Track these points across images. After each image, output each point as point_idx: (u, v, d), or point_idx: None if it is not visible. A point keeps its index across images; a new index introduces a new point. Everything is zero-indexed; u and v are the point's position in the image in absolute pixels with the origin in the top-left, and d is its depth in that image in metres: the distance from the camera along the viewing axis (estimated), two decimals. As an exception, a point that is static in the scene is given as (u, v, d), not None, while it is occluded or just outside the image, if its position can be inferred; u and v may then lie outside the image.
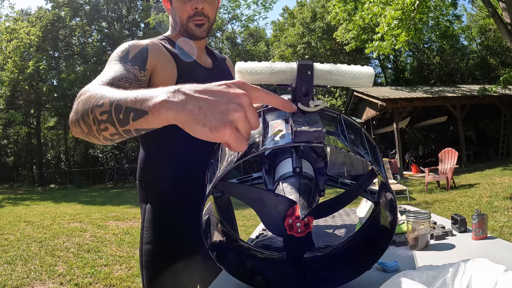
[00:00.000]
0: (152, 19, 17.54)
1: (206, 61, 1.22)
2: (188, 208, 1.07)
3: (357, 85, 0.69)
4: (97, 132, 0.61)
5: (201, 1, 1.09)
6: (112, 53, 1.01)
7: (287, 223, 0.63)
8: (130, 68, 0.95)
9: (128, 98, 0.54)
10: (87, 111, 0.62)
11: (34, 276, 3.71)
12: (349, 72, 0.68)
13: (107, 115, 0.58)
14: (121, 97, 0.56)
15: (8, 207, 11.30)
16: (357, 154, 0.61)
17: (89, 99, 0.63)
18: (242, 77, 0.71)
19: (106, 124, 0.58)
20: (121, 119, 0.55)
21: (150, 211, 1.15)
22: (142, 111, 0.52)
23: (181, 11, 1.11)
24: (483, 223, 1.06)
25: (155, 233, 1.12)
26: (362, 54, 20.68)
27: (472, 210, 5.21)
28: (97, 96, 0.61)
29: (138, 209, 9.00)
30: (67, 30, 24.98)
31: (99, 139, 0.63)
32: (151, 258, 1.12)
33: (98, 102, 0.60)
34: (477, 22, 22.98)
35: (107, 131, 0.59)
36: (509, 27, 8.95)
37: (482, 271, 0.57)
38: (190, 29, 1.12)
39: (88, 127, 0.62)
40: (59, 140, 29.22)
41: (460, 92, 13.32)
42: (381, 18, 9.19)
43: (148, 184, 1.17)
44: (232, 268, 0.80)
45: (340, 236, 1.16)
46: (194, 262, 1.16)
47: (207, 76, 1.03)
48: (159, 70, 1.04)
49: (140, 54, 1.01)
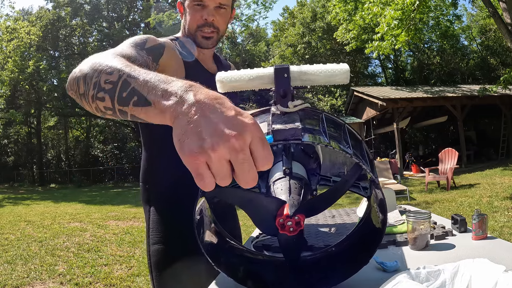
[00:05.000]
0: (152, 19, 17.53)
1: (212, 68, 1.23)
2: (193, 207, 1.09)
3: (334, 82, 0.71)
4: (92, 98, 0.56)
5: (213, 13, 1.09)
6: (128, 39, 0.98)
7: (278, 223, 0.63)
8: (144, 55, 0.92)
9: (139, 78, 0.51)
10: (93, 72, 0.58)
11: (34, 275, 3.71)
12: (324, 70, 0.69)
13: (111, 86, 0.54)
14: (133, 74, 0.52)
15: (8, 206, 11.30)
16: (336, 148, 0.62)
17: (99, 62, 0.59)
18: (223, 86, 0.73)
19: (105, 94, 0.54)
20: (123, 97, 0.52)
21: (155, 212, 1.15)
22: (146, 100, 0.48)
23: (192, 18, 1.11)
24: (483, 223, 1.06)
25: (162, 232, 1.13)
26: (363, 54, 20.66)
27: (472, 210, 5.20)
28: (109, 64, 0.57)
29: (138, 209, 9.00)
30: (67, 30, 24.98)
31: (91, 106, 0.58)
32: (160, 257, 1.12)
33: (107, 69, 0.56)
34: (477, 22, 22.96)
35: (102, 102, 0.55)
36: (510, 27, 8.94)
37: (482, 271, 0.57)
38: (198, 39, 1.13)
39: (86, 88, 0.58)
40: (60, 139, 29.23)
41: (460, 92, 13.32)
42: (381, 18, 9.19)
43: (152, 185, 1.18)
44: (228, 268, 0.80)
45: (341, 236, 1.16)
46: (203, 260, 1.16)
47: (212, 83, 1.03)
48: (168, 70, 1.04)
49: (157, 49, 1.01)
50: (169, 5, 23.91)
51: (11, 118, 21.39)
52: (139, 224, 6.75)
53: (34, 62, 21.25)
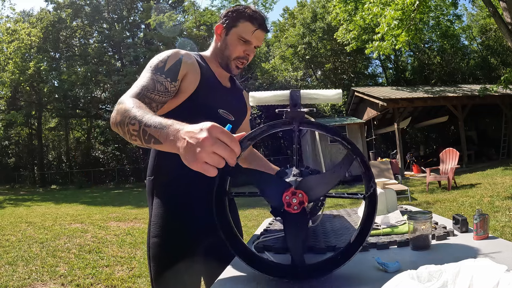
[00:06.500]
0: (152, 20, 17.57)
1: (226, 83, 1.36)
2: (195, 202, 1.21)
3: (330, 101, 0.95)
4: (129, 139, 0.90)
5: (253, 51, 1.29)
6: (153, 59, 1.18)
7: (285, 199, 0.78)
8: (162, 81, 1.13)
9: (152, 126, 0.82)
10: (123, 123, 0.90)
11: (36, 277, 3.71)
12: (322, 94, 0.94)
13: (137, 132, 0.86)
14: (147, 123, 0.83)
15: (9, 208, 11.31)
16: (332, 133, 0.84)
17: (125, 114, 0.90)
18: (255, 101, 0.97)
19: (136, 137, 0.87)
20: (145, 139, 0.84)
21: (157, 205, 1.22)
22: (159, 141, 0.80)
23: (234, 49, 1.26)
24: (485, 223, 1.06)
25: (162, 226, 1.19)
26: (363, 54, 20.66)
27: (474, 210, 5.20)
28: (131, 115, 0.88)
29: (139, 210, 9.01)
30: (68, 31, 25.03)
31: (131, 142, 0.91)
32: (158, 250, 1.18)
33: (131, 121, 0.88)
34: (477, 21, 22.96)
35: (136, 142, 0.88)
36: (510, 27, 8.94)
37: (483, 271, 0.57)
38: (231, 67, 1.28)
39: (124, 133, 0.91)
40: (60, 141, 29.26)
41: (461, 92, 13.31)
42: (381, 18, 9.19)
43: (157, 178, 1.24)
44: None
45: (340, 236, 1.16)
46: (200, 254, 1.23)
47: (223, 93, 1.30)
48: (187, 77, 1.20)
49: (175, 66, 1.17)
50: (169, 6, 23.96)
51: (12, 120, 21.43)
52: (140, 225, 6.76)
53: (35, 63, 21.30)
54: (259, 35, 1.26)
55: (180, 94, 1.19)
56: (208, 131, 0.69)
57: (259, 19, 1.25)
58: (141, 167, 23.23)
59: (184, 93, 1.19)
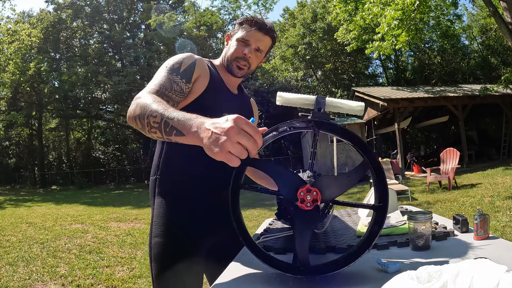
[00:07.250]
0: (152, 21, 17.56)
1: (234, 90, 1.41)
2: (198, 202, 1.22)
3: (352, 113, 0.98)
4: (148, 132, 0.91)
5: (253, 52, 1.31)
6: (168, 60, 1.22)
7: (299, 195, 0.80)
8: (178, 81, 1.18)
9: (175, 118, 0.83)
10: (143, 116, 0.91)
11: (36, 277, 3.71)
12: (346, 104, 0.97)
13: (157, 124, 0.87)
14: (170, 116, 0.84)
15: (10, 208, 11.32)
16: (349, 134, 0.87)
17: (145, 107, 0.92)
18: (281, 100, 0.98)
19: (156, 129, 0.88)
20: (167, 131, 0.84)
21: (160, 205, 1.23)
22: (181, 132, 0.81)
23: (234, 50, 1.31)
24: (485, 223, 1.05)
25: (163, 226, 1.20)
26: (363, 54, 20.65)
27: (474, 210, 5.19)
28: (153, 109, 0.90)
29: (140, 210, 9.01)
30: (68, 32, 25.02)
31: (148, 135, 0.92)
32: (159, 250, 1.19)
33: (152, 113, 0.89)
34: (478, 21, 22.94)
35: (155, 134, 0.89)
36: (510, 27, 8.93)
37: (484, 272, 0.57)
38: (232, 67, 1.32)
39: (142, 126, 0.92)
40: (61, 141, 29.28)
41: (461, 92, 13.29)
42: (382, 18, 9.18)
43: (160, 178, 1.25)
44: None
45: (341, 236, 1.16)
46: (201, 254, 1.24)
47: (230, 99, 1.34)
48: (198, 80, 1.25)
49: (189, 68, 1.22)
50: (169, 6, 23.95)
51: (13, 120, 21.46)
52: (141, 225, 6.76)
53: (35, 64, 21.30)
54: (257, 35, 1.29)
55: (189, 95, 1.22)
56: (234, 121, 0.72)
57: (259, 22, 1.30)
58: (142, 168, 23.24)
59: (192, 94, 1.22)
